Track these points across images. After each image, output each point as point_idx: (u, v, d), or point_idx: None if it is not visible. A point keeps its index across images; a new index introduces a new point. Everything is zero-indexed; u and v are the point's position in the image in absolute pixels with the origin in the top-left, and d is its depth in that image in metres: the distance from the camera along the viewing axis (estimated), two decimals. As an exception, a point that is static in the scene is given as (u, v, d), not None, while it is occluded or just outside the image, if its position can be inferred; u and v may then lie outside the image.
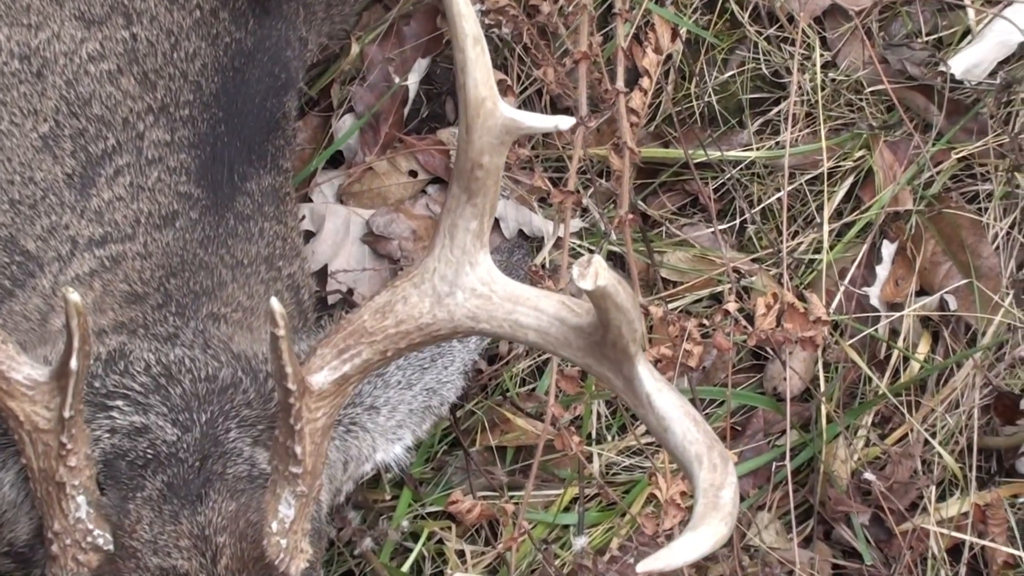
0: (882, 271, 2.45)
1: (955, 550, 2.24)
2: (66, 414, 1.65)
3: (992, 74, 2.55)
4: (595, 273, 1.43)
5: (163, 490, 1.79)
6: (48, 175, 2.08)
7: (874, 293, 2.43)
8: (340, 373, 1.71)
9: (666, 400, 1.62)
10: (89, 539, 1.73)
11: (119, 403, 1.85)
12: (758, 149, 2.53)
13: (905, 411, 2.32)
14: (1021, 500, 2.29)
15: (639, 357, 1.59)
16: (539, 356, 2.35)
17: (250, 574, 1.75)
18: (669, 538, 2.14)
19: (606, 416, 2.35)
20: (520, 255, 2.29)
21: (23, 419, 1.68)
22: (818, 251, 2.44)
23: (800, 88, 2.53)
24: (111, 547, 1.72)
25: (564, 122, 1.62)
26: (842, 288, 2.43)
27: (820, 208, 2.47)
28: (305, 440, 1.70)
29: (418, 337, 1.71)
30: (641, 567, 1.54)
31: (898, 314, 2.41)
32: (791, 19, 2.58)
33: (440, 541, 2.26)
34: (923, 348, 2.39)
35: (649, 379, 1.61)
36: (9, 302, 2.00)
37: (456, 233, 1.66)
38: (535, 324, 1.65)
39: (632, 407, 1.64)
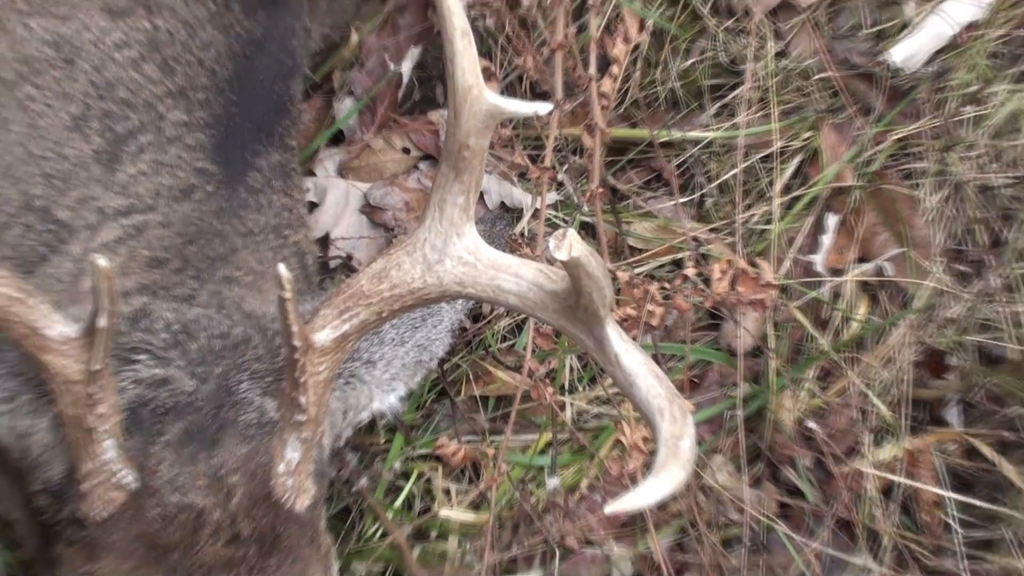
0: (826, 240, 2.47)
1: (888, 490, 2.26)
2: (94, 367, 1.67)
3: (927, 63, 2.56)
4: (569, 245, 1.45)
5: (182, 435, 1.80)
6: (78, 152, 2.08)
7: (819, 260, 2.45)
8: (340, 332, 1.73)
9: (632, 359, 1.64)
10: (116, 479, 1.74)
11: (142, 357, 1.86)
12: (716, 130, 2.54)
13: (845, 366, 2.33)
14: (947, 446, 2.29)
15: (608, 320, 1.61)
16: (518, 316, 2.36)
17: (260, 511, 1.77)
18: (633, 479, 2.16)
19: (578, 369, 2.36)
20: (502, 225, 2.30)
21: (56, 371, 1.69)
22: (769, 222, 2.46)
23: (754, 75, 2.54)
24: (135, 486, 1.73)
25: (542, 108, 1.64)
26: (790, 256, 2.45)
27: (771, 183, 2.49)
28: (309, 391, 1.72)
29: (410, 300, 1.72)
30: (609, 509, 1.56)
31: (840, 279, 2.43)
32: (747, 13, 2.59)
33: (429, 480, 2.27)
34: (862, 310, 2.41)
35: (617, 340, 1.63)
36: (43, 266, 2.01)
37: (445, 207, 1.68)
38: (515, 289, 1.67)
39: (601, 364, 1.66)
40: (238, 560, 1.76)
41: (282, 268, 1.62)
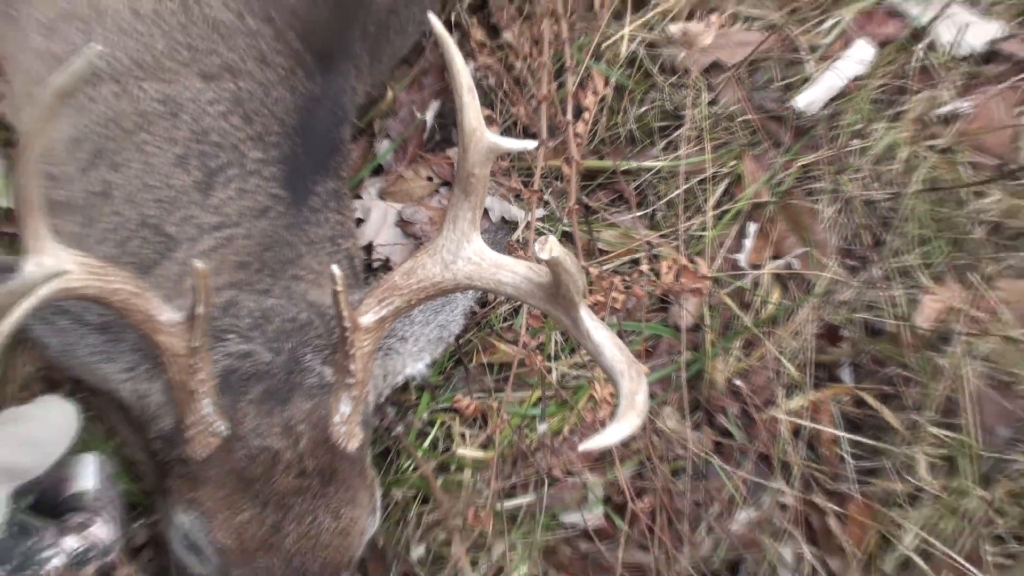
0: (747, 243, 2.46)
1: (797, 431, 2.26)
2: (194, 344, 1.69)
3: (824, 107, 2.56)
4: (550, 248, 1.49)
5: (261, 395, 1.82)
6: (181, 182, 2.09)
7: (742, 258, 2.45)
8: (380, 315, 1.75)
9: (600, 334, 1.66)
10: (212, 428, 1.76)
11: (231, 336, 1.88)
12: (663, 160, 2.53)
13: (763, 338, 2.33)
14: (841, 398, 2.29)
15: (581, 305, 1.63)
16: (515, 303, 2.36)
17: (321, 451, 1.79)
18: (603, 424, 2.17)
19: (561, 342, 2.36)
20: (502, 234, 2.31)
21: (166, 348, 1.72)
22: (704, 229, 2.45)
23: (692, 118, 2.54)
24: (227, 433, 1.76)
25: (530, 144, 1.65)
26: (720, 255, 2.44)
27: (706, 200, 2.48)
28: (357, 361, 1.74)
29: (432, 291, 1.74)
30: (583, 447, 1.58)
31: (758, 272, 2.42)
32: (686, 71, 2.59)
33: (448, 427, 2.27)
34: (775, 295, 2.40)
35: (588, 320, 1.65)
36: (156, 268, 2.02)
37: (457, 221, 1.70)
38: (511, 282, 1.69)
39: (576, 338, 1.68)
40: (304, 488, 1.78)
41: (335, 269, 1.64)
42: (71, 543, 1.28)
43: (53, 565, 1.26)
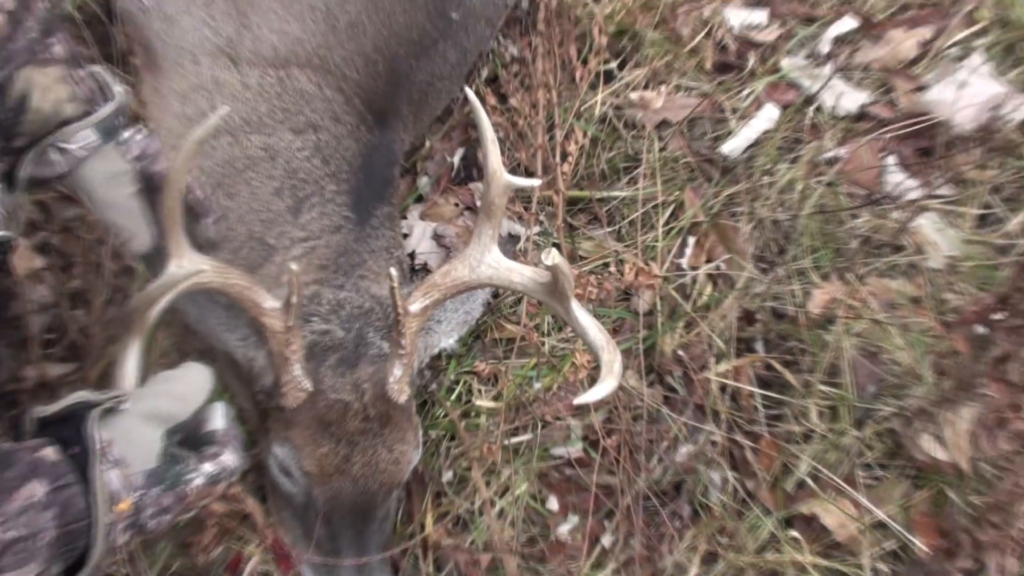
0: (688, 251, 2.44)
1: (723, 388, 2.24)
2: (289, 324, 1.71)
3: (743, 152, 2.55)
4: (553, 256, 1.49)
5: (336, 362, 1.84)
6: (278, 208, 2.09)
7: (684, 262, 2.43)
8: (424, 305, 1.76)
9: (586, 319, 1.68)
10: (300, 385, 1.78)
11: (315, 319, 1.90)
12: (627, 191, 2.52)
13: (699, 320, 2.32)
14: (756, 363, 2.26)
15: (572, 298, 1.64)
16: (519, 295, 2.34)
17: (380, 402, 1.81)
18: (583, 384, 2.18)
19: (551, 323, 2.35)
20: (509, 246, 2.32)
21: (268, 326, 1.74)
22: (656, 241, 2.44)
23: (648, 161, 2.54)
24: (311, 389, 1.78)
25: (535, 182, 1.68)
26: (668, 260, 2.42)
27: (658, 220, 2.47)
28: (407, 338, 1.76)
29: (463, 287, 1.76)
30: (576, 401, 1.61)
31: (696, 272, 2.41)
32: (643, 127, 2.59)
33: (469, 385, 2.26)
34: (708, 289, 2.39)
35: (577, 308, 1.67)
36: (260, 270, 2.02)
37: (481, 237, 1.71)
38: (521, 281, 1.70)
39: (567, 321, 1.69)
40: (367, 430, 1.80)
41: (393, 271, 1.66)
42: (208, 468, 1.31)
43: (196, 484, 1.28)
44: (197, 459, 1.31)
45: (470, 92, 1.72)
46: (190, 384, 1.38)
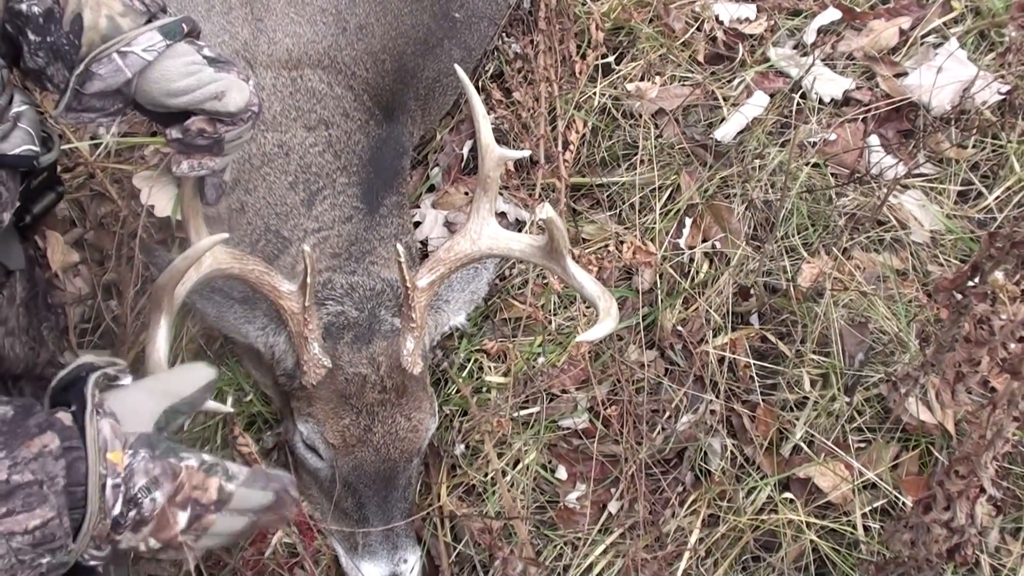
0: (685, 231, 2.43)
1: (722, 359, 2.23)
2: (306, 304, 1.74)
3: (735, 138, 2.55)
4: (547, 211, 1.51)
5: (352, 339, 1.86)
6: (292, 201, 2.11)
7: (682, 241, 2.42)
8: (431, 279, 1.79)
9: (581, 275, 1.72)
10: (320, 362, 1.81)
11: (329, 302, 1.92)
12: (626, 176, 2.52)
13: (697, 296, 2.31)
14: (751, 336, 2.26)
15: (567, 256, 1.66)
16: (525, 272, 2.32)
17: (395, 374, 1.83)
18: (584, 357, 2.20)
19: (557, 301, 2.34)
20: (515, 230, 2.33)
21: (286, 308, 1.77)
22: (654, 223, 2.43)
23: (645, 147, 2.53)
24: (330, 365, 1.80)
25: (525, 153, 1.70)
26: (667, 240, 2.42)
27: (656, 203, 2.46)
28: (416, 311, 1.78)
29: (466, 260, 1.78)
30: (579, 339, 1.63)
31: (693, 251, 2.40)
32: (640, 115, 2.58)
33: (479, 361, 2.26)
34: (704, 267, 2.38)
35: (572, 265, 1.71)
36: (276, 260, 2.04)
37: (480, 211, 1.74)
38: (519, 248, 1.74)
39: (565, 280, 1.72)
40: (386, 400, 1.83)
41: (400, 246, 1.68)
42: (204, 456, 1.27)
43: (188, 463, 1.21)
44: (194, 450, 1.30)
45: (459, 70, 1.73)
46: (193, 375, 1.35)
